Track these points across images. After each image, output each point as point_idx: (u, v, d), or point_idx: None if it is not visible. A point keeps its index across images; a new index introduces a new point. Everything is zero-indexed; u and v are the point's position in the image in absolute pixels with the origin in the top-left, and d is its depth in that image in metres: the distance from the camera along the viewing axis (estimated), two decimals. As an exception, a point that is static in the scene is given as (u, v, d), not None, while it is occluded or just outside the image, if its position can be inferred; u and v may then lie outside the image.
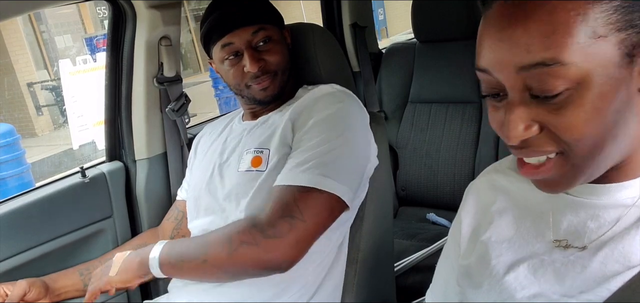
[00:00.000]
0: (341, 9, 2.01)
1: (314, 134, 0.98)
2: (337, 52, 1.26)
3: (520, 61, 0.47)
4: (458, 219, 0.72)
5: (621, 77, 0.46)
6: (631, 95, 0.47)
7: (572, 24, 0.45)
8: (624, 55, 0.46)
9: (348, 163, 0.97)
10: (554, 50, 0.46)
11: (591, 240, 0.54)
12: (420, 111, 1.86)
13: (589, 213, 0.55)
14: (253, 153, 1.05)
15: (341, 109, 1.02)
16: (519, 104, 0.49)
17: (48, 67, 10.04)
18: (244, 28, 1.06)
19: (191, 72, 11.66)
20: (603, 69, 0.46)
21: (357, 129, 1.03)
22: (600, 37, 0.45)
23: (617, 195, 0.53)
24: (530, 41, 0.46)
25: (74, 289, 1.16)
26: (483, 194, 0.69)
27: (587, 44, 0.45)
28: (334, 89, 1.10)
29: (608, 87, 0.46)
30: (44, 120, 8.96)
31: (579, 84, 0.46)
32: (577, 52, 0.45)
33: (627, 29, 0.46)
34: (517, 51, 0.47)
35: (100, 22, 10.73)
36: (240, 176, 1.04)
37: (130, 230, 1.43)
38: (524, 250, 0.60)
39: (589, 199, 0.55)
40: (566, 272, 0.55)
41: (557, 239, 0.57)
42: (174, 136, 1.44)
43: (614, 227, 0.53)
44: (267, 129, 1.09)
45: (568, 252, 0.56)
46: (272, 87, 1.10)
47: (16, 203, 1.22)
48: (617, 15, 0.45)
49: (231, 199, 1.05)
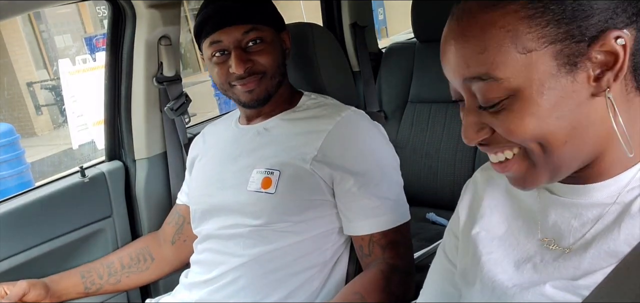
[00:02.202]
0: (341, 8, 2.01)
1: (367, 180, 1.01)
2: (337, 52, 1.26)
3: (462, 74, 0.52)
4: (456, 215, 0.73)
5: (562, 86, 0.49)
6: (582, 101, 0.50)
7: (501, 41, 0.49)
8: (561, 65, 0.48)
9: (398, 189, 1.07)
10: (487, 66, 0.50)
11: (576, 238, 0.56)
12: (420, 111, 1.86)
13: (572, 213, 0.57)
14: (264, 174, 1.03)
15: (374, 149, 1.06)
16: (470, 110, 0.54)
17: (48, 67, 10.02)
18: (235, 26, 1.02)
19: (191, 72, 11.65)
20: (538, 81, 0.49)
21: (390, 155, 1.09)
22: (532, 51, 0.48)
23: (597, 195, 0.55)
24: (467, 56, 0.51)
25: (75, 291, 1.16)
26: (479, 188, 0.70)
27: (517, 59, 0.49)
28: (361, 119, 1.08)
29: (548, 95, 0.49)
30: (43, 120, 8.96)
31: (513, 94, 0.50)
32: (508, 67, 0.49)
33: (564, 40, 0.48)
34: (459, 65, 0.52)
35: (100, 22, 10.72)
36: (249, 195, 1.03)
37: (130, 230, 1.43)
38: (515, 249, 0.62)
39: (572, 199, 0.57)
40: (555, 271, 0.56)
41: (545, 238, 0.59)
42: (174, 136, 1.44)
43: (596, 224, 0.55)
44: (273, 142, 1.07)
45: (556, 251, 0.57)
46: (258, 90, 1.05)
47: (15, 203, 1.22)
48: (551, 29, 0.48)
49: (239, 214, 1.05)
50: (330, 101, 1.13)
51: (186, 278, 1.15)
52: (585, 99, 0.50)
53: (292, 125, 1.08)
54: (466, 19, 0.51)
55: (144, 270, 1.24)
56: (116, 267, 1.22)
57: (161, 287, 1.42)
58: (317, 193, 1.02)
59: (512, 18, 0.48)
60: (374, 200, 1.00)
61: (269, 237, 1.03)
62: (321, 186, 1.02)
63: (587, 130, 0.51)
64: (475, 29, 0.50)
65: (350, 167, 1.01)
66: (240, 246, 1.05)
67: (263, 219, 1.02)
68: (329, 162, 1.01)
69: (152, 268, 1.24)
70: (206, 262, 1.10)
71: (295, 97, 1.14)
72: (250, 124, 1.14)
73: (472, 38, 0.50)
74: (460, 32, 0.52)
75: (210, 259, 1.09)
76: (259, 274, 1.03)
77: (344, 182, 1.01)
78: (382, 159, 1.05)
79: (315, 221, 1.04)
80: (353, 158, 1.02)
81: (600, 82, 0.49)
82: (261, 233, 1.03)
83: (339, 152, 1.02)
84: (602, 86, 0.49)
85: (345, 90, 1.26)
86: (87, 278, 1.18)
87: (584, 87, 0.49)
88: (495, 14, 0.49)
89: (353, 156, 1.02)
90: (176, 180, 1.43)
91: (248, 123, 1.15)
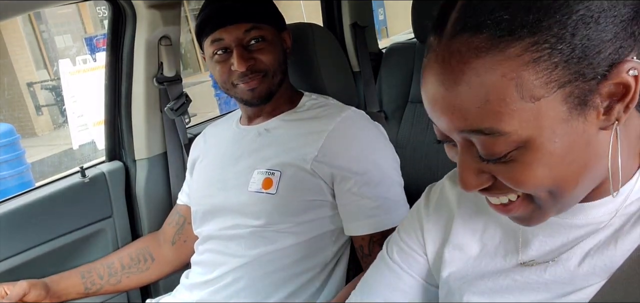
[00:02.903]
0: (341, 9, 2.01)
1: (367, 180, 1.01)
2: (337, 52, 1.26)
3: (458, 126, 0.45)
4: (417, 221, 0.68)
5: (573, 129, 0.43)
6: (591, 139, 0.44)
7: (505, 91, 0.42)
8: (572, 108, 0.43)
9: (399, 189, 1.06)
10: (490, 120, 0.43)
11: (568, 256, 0.52)
12: (421, 111, 1.86)
13: (563, 233, 0.53)
14: (265, 174, 1.03)
15: (374, 149, 1.05)
16: (466, 159, 0.47)
17: (48, 67, 10.03)
18: (237, 25, 1.02)
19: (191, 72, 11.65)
20: (549, 128, 0.43)
21: (390, 156, 1.08)
22: (540, 99, 0.42)
23: (592, 213, 0.51)
24: (463, 108, 0.43)
25: (75, 291, 1.16)
26: (450, 200, 0.65)
27: (524, 108, 0.42)
28: (361, 119, 1.08)
29: (560, 142, 0.43)
30: (43, 120, 8.96)
31: (522, 145, 0.44)
32: (515, 119, 0.42)
33: (575, 81, 0.42)
34: (453, 116, 0.45)
35: (100, 22, 10.73)
36: (250, 196, 1.03)
37: (130, 230, 1.43)
38: (493, 269, 0.57)
39: (564, 219, 0.53)
40: (543, 290, 0.53)
41: (527, 262, 0.55)
42: (174, 136, 1.44)
43: (589, 239, 0.51)
44: (274, 143, 1.07)
45: (540, 268, 0.54)
46: (260, 87, 1.05)
47: (16, 203, 1.22)
48: (560, 71, 0.41)
49: (240, 215, 1.05)
50: (330, 101, 1.13)
51: (187, 279, 1.15)
52: (594, 135, 0.45)
53: (292, 126, 1.08)
54: (455, 62, 0.43)
55: (144, 270, 1.24)
56: (116, 267, 1.22)
57: (161, 288, 1.42)
58: (318, 194, 1.02)
59: (514, 64, 0.41)
60: (374, 200, 1.00)
61: (269, 237, 1.03)
62: (322, 187, 1.02)
63: (597, 165, 0.47)
64: (470, 76, 0.42)
65: (350, 167, 1.01)
66: (241, 247, 1.05)
67: (264, 220, 1.02)
68: (329, 162, 1.01)
69: (153, 269, 1.24)
70: (207, 263, 1.10)
71: (295, 97, 1.14)
72: (251, 124, 1.14)
73: (467, 88, 0.43)
74: (449, 76, 0.44)
75: (211, 260, 1.09)
76: (259, 275, 1.04)
77: (344, 182, 1.01)
78: (382, 159, 1.05)
79: (315, 222, 1.04)
80: (353, 158, 1.02)
81: (610, 115, 0.44)
82: (262, 234, 1.03)
83: (339, 152, 1.01)
84: (611, 119, 0.44)
85: (346, 90, 1.26)
86: (88, 279, 1.18)
87: (593, 123, 0.44)
88: (492, 59, 0.42)
89: (353, 156, 1.02)
90: (176, 180, 1.43)
91: (249, 123, 1.15)
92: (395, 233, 0.72)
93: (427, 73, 0.46)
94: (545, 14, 0.41)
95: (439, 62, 0.45)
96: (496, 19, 0.42)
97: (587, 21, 0.41)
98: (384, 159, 1.06)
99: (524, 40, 0.41)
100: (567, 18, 0.41)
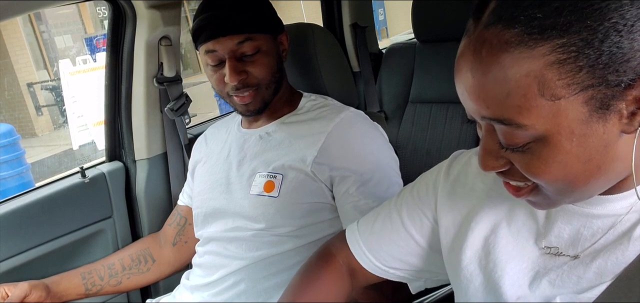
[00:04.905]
0: (341, 9, 2.01)
1: (366, 181, 1.00)
2: (337, 52, 1.26)
3: (481, 112, 0.48)
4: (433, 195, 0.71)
5: (592, 131, 0.44)
6: (610, 141, 0.45)
7: (527, 88, 0.43)
8: (593, 111, 0.43)
9: (398, 190, 1.04)
10: (510, 112, 0.45)
11: (584, 248, 0.53)
12: (421, 111, 1.86)
13: (581, 222, 0.54)
14: (266, 177, 1.03)
15: (373, 150, 1.05)
16: (488, 142, 0.50)
17: (48, 67, 10.03)
18: (230, 36, 1.00)
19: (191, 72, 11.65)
20: (567, 127, 0.44)
21: (390, 156, 1.07)
22: (561, 99, 0.43)
23: (611, 206, 0.52)
24: (487, 97, 0.46)
25: (76, 292, 1.16)
26: (469, 180, 0.67)
27: (544, 105, 0.44)
28: (360, 119, 1.08)
29: (578, 142, 0.45)
30: (43, 121, 8.96)
31: (540, 139, 0.46)
32: (534, 114, 0.44)
33: (598, 85, 0.42)
34: (477, 102, 0.47)
35: (100, 22, 10.72)
36: (252, 199, 1.03)
37: (130, 230, 1.43)
38: (515, 253, 0.59)
39: (582, 208, 0.54)
40: (559, 280, 0.54)
41: (548, 246, 0.57)
42: (174, 136, 1.44)
43: (607, 234, 0.52)
44: (275, 146, 1.07)
45: (561, 260, 0.55)
46: (254, 102, 1.05)
47: (16, 204, 1.22)
48: (583, 75, 0.42)
49: (241, 218, 1.05)
50: (330, 102, 1.13)
51: (188, 280, 1.15)
52: (614, 138, 0.45)
53: (293, 128, 1.08)
54: (485, 52, 0.45)
55: (144, 271, 1.24)
56: (117, 268, 1.22)
57: (161, 288, 1.42)
58: (319, 197, 1.02)
59: (540, 63, 0.42)
60: (373, 201, 1.00)
61: (271, 240, 1.03)
62: (322, 189, 1.02)
63: (613, 166, 0.47)
64: (496, 68, 0.44)
65: (349, 168, 1.01)
66: (242, 249, 1.05)
67: (265, 223, 1.02)
68: (328, 163, 1.01)
69: (153, 270, 1.24)
70: (208, 265, 1.10)
71: (295, 98, 1.14)
72: (252, 127, 1.14)
73: (492, 78, 0.45)
74: (478, 66, 0.46)
75: (212, 262, 1.09)
76: (260, 278, 1.04)
77: (343, 182, 1.01)
78: (381, 160, 1.05)
79: (316, 225, 1.04)
80: (352, 158, 1.01)
81: (634, 120, 0.44)
82: (263, 237, 1.03)
83: (338, 152, 1.01)
84: (634, 125, 0.44)
85: (346, 90, 1.26)
86: (88, 280, 1.18)
87: (614, 127, 0.44)
88: (520, 55, 0.43)
89: (352, 157, 1.02)
90: (176, 180, 1.43)
91: (250, 127, 1.15)
92: (407, 192, 0.76)
93: (461, 57, 0.49)
94: (577, 18, 0.41)
95: (471, 49, 0.47)
96: (529, 16, 0.43)
97: (619, 29, 0.41)
98: (383, 160, 1.06)
99: (553, 41, 0.42)
100: (598, 24, 0.41)
